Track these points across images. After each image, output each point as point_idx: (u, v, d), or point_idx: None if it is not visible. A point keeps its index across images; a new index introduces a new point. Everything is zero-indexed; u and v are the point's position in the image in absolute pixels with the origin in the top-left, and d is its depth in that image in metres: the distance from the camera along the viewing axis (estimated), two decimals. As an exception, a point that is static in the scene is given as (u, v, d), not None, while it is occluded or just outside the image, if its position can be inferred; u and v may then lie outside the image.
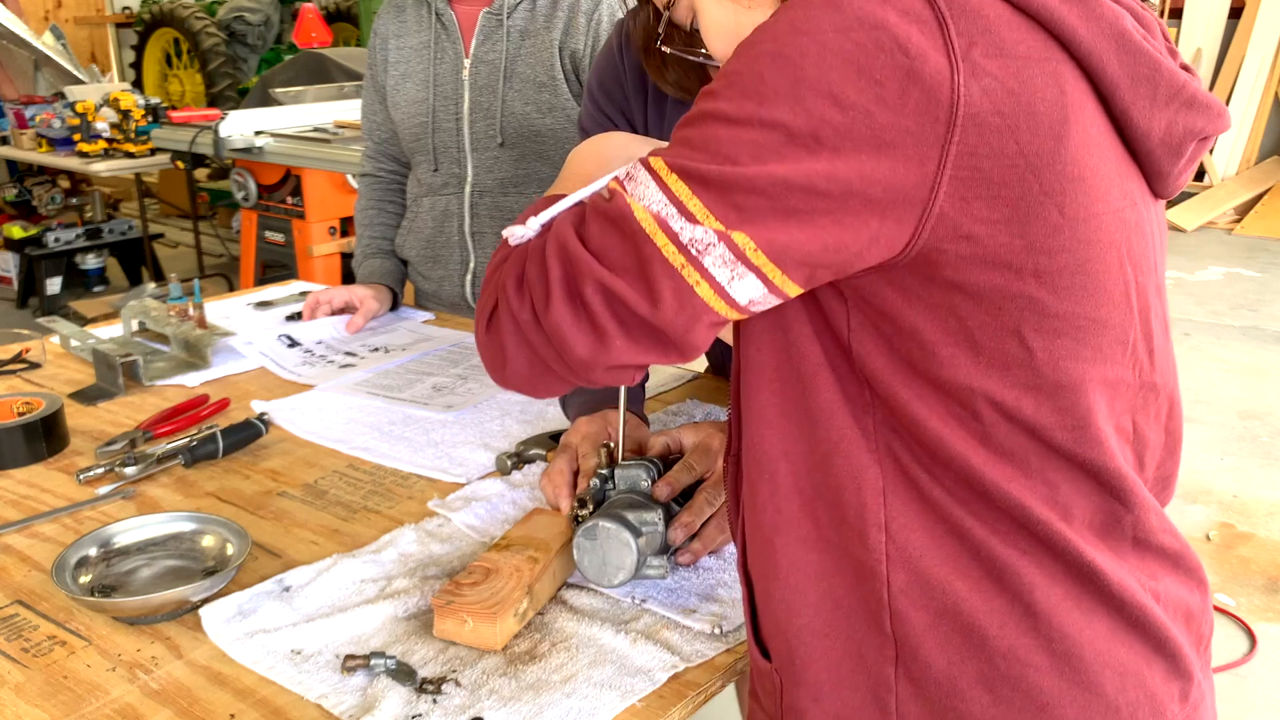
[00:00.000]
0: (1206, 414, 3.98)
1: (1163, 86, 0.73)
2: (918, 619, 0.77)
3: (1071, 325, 0.72)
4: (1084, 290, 0.72)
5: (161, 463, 1.36)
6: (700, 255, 0.70)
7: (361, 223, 2.11)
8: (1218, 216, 6.89)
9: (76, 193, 5.88)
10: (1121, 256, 0.74)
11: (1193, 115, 0.75)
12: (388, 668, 0.93)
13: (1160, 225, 0.83)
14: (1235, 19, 7.21)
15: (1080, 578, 0.76)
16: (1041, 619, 0.76)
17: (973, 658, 0.76)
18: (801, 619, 0.82)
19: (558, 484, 1.19)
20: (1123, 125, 0.73)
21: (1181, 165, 0.77)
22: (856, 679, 0.80)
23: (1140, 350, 0.78)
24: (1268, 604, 2.79)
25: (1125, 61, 0.71)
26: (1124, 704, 0.77)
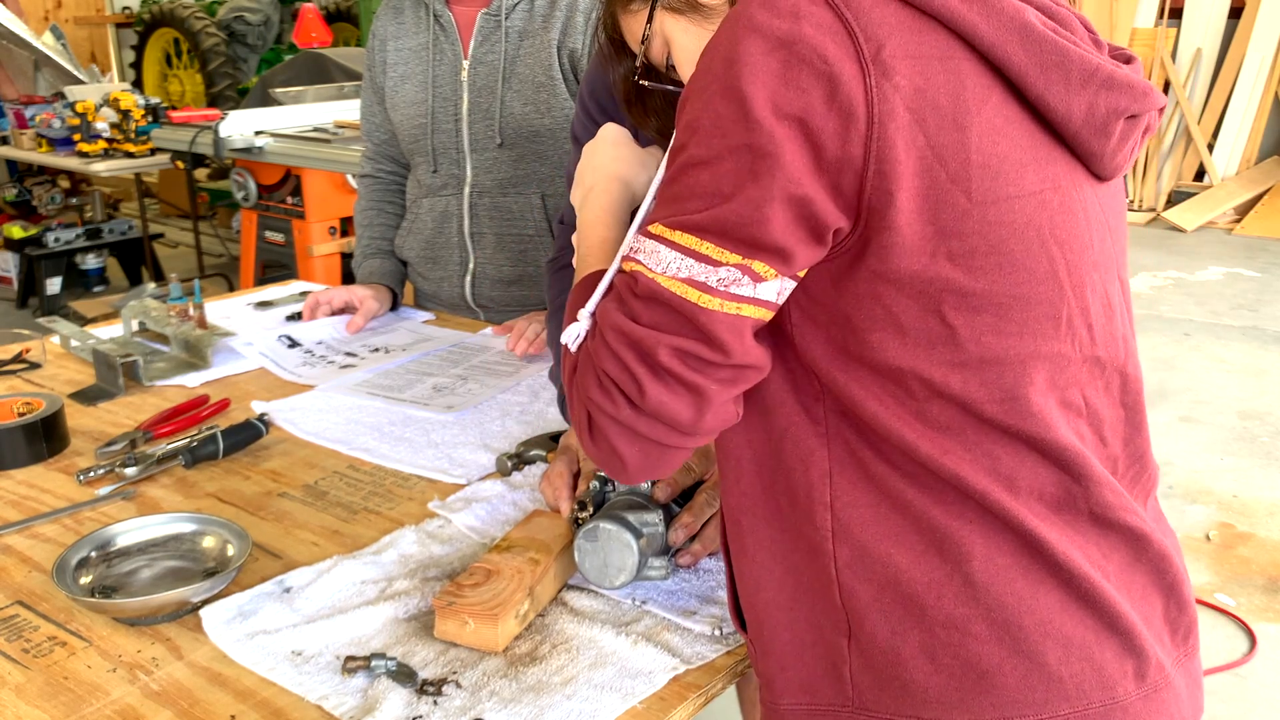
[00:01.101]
0: (1206, 414, 3.98)
1: (1075, 71, 0.77)
2: (863, 592, 0.81)
3: (991, 303, 0.77)
4: (999, 269, 0.76)
5: (162, 463, 1.36)
6: (730, 286, 0.76)
7: (361, 223, 2.11)
8: (1218, 216, 6.89)
9: (76, 193, 5.88)
10: (1044, 236, 0.78)
11: (1114, 95, 0.79)
12: (388, 669, 0.93)
13: (1108, 207, 0.85)
14: (1235, 19, 7.21)
15: (1026, 548, 0.79)
16: (980, 588, 0.79)
17: (914, 628, 0.80)
18: (767, 593, 0.87)
19: (557, 486, 1.19)
20: (1041, 111, 0.78)
21: (1114, 144, 0.81)
22: (816, 650, 0.85)
23: (1078, 325, 0.81)
24: (1268, 604, 2.79)
25: (1030, 51, 0.76)
26: (1067, 675, 0.79)
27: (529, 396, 1.60)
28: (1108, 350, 0.84)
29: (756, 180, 0.73)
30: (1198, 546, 3.08)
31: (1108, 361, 0.84)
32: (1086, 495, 0.81)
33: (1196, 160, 7.34)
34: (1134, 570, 0.84)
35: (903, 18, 0.74)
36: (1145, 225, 7.01)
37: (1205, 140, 7.27)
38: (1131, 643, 0.81)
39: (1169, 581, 0.86)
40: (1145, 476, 0.89)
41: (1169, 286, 5.64)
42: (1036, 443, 0.79)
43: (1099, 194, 0.84)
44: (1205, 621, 2.72)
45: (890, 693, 0.82)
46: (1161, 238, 6.66)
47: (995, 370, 0.78)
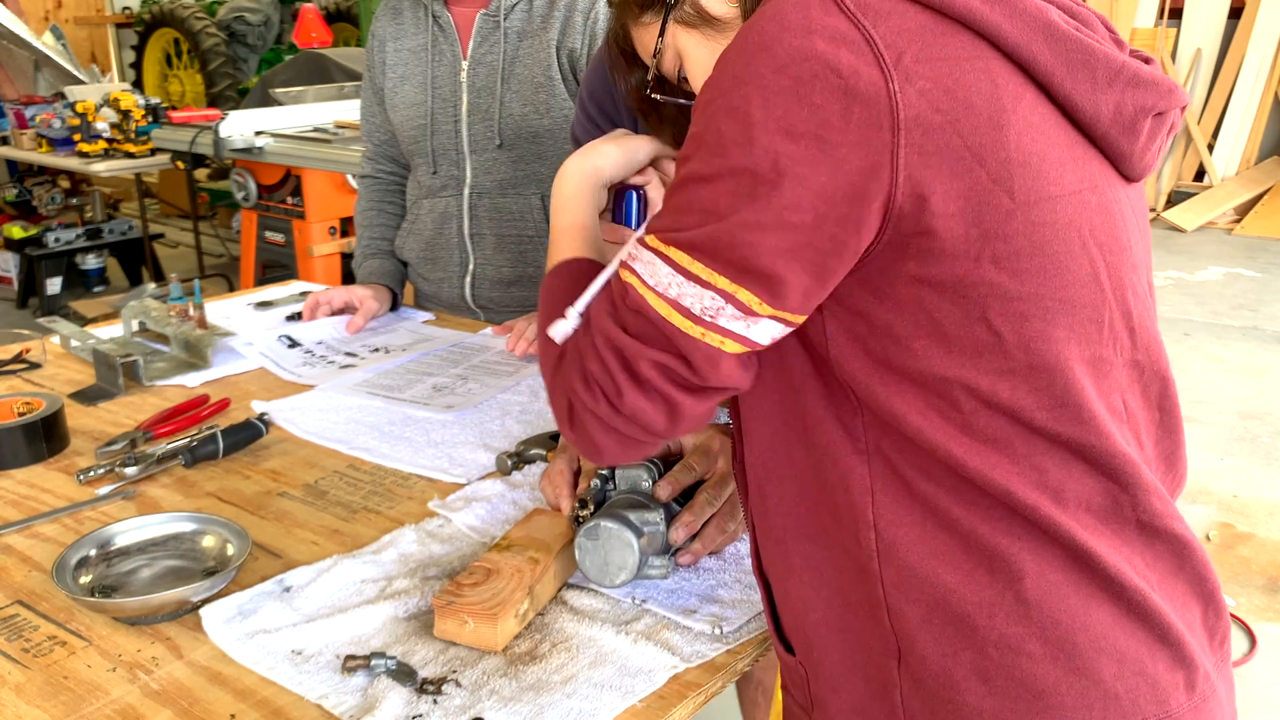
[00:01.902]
0: (1206, 414, 3.98)
1: (1101, 69, 0.76)
2: (912, 613, 0.79)
3: (1038, 307, 0.75)
4: (1044, 272, 0.75)
5: (162, 463, 1.36)
6: (715, 318, 0.76)
7: (361, 224, 2.11)
8: (1218, 216, 6.89)
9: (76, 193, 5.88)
10: (1084, 237, 0.77)
11: (1141, 93, 0.78)
12: (388, 668, 0.93)
13: (1137, 208, 0.85)
14: (1235, 19, 7.21)
15: (1076, 563, 0.78)
16: (1033, 606, 0.77)
17: (965, 648, 0.78)
18: (816, 614, 0.86)
19: (558, 484, 1.19)
20: (1070, 110, 0.77)
21: (1142, 144, 0.80)
22: (867, 672, 0.84)
23: (1120, 328, 0.80)
24: (1268, 604, 2.79)
25: (1056, 50, 0.75)
26: (1123, 690, 0.77)
27: (529, 396, 1.60)
28: (1147, 354, 0.83)
29: (752, 203, 0.73)
30: (1198, 546, 3.08)
31: (1146, 365, 0.83)
32: (1134, 503, 0.79)
33: (1196, 160, 7.34)
34: (1177, 578, 0.82)
35: (924, 22, 0.73)
36: (1145, 225, 7.00)
37: (1205, 140, 7.28)
38: (1180, 653, 0.80)
39: (1209, 589, 0.85)
40: (1174, 479, 0.89)
41: (1169, 286, 5.64)
42: (1086, 451, 0.77)
43: (1130, 196, 0.83)
44: (1205, 621, 2.72)
45: (942, 716, 0.80)
46: (1161, 238, 6.66)
47: (1045, 377, 0.76)
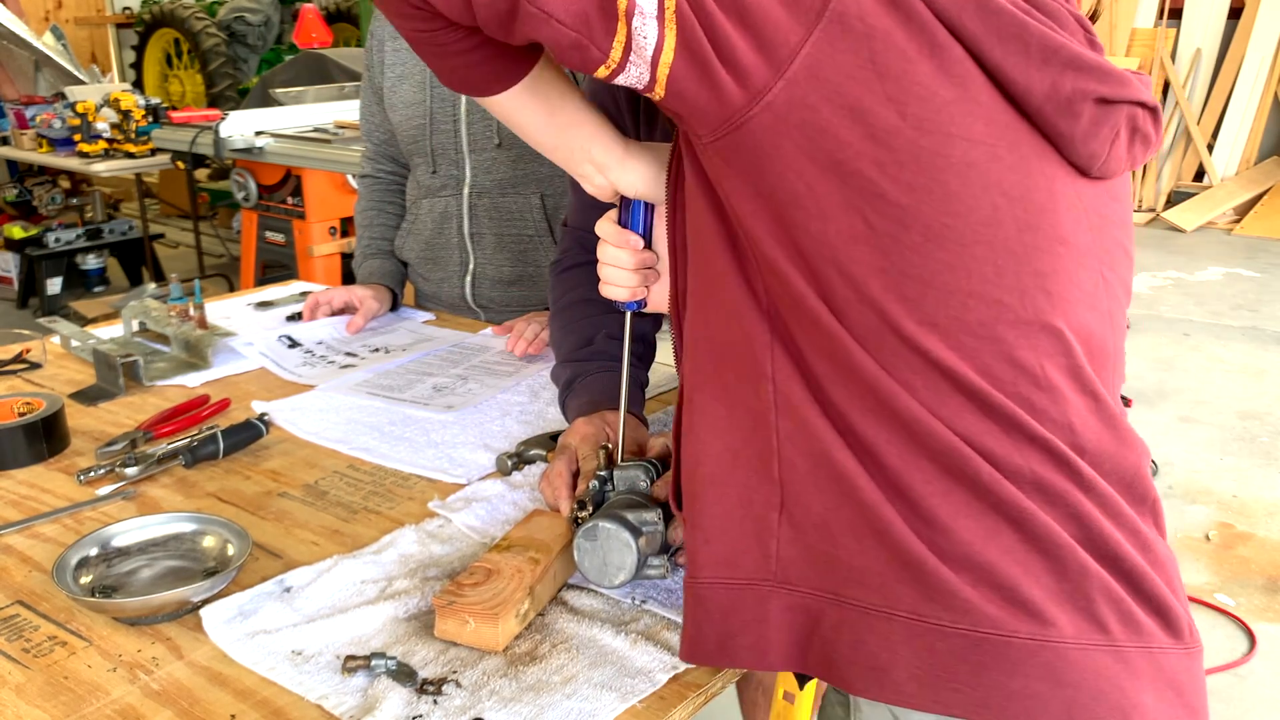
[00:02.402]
0: (1206, 414, 3.98)
1: (1034, 45, 0.79)
2: (801, 464, 0.84)
3: (918, 221, 0.78)
4: (928, 191, 0.78)
5: (162, 463, 1.36)
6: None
7: (361, 224, 2.11)
8: (1218, 216, 6.89)
9: (77, 193, 5.88)
10: (989, 183, 0.79)
11: (1080, 76, 0.80)
12: (388, 668, 0.93)
13: (1093, 204, 0.86)
14: (1235, 19, 7.21)
15: (940, 459, 0.80)
16: (898, 485, 0.80)
17: (845, 505, 0.82)
18: (705, 468, 0.89)
19: (557, 486, 1.19)
20: (1001, 82, 0.80)
21: (1084, 128, 0.82)
22: (745, 525, 0.87)
23: (1029, 285, 0.81)
24: (1268, 604, 2.79)
25: (986, 20, 0.79)
26: (978, 598, 0.79)
27: (529, 396, 1.60)
28: (1075, 327, 0.84)
29: None
30: (1198, 546, 3.08)
31: (1062, 334, 0.83)
32: (1022, 455, 0.80)
33: (1196, 160, 7.34)
34: (1053, 488, 0.82)
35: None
36: (1145, 225, 7.01)
37: (1205, 140, 7.27)
38: (1064, 587, 0.80)
39: (1125, 569, 0.83)
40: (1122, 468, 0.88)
41: (1169, 286, 5.64)
42: (962, 381, 0.80)
43: (1079, 186, 0.85)
44: (1205, 621, 2.72)
45: (817, 567, 0.84)
46: (1161, 238, 6.66)
47: (916, 287, 0.79)
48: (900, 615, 0.80)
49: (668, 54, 0.77)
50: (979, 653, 0.79)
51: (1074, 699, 0.78)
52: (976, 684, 0.79)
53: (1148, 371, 4.40)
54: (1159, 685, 0.82)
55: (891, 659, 0.80)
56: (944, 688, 0.79)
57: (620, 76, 0.79)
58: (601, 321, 1.40)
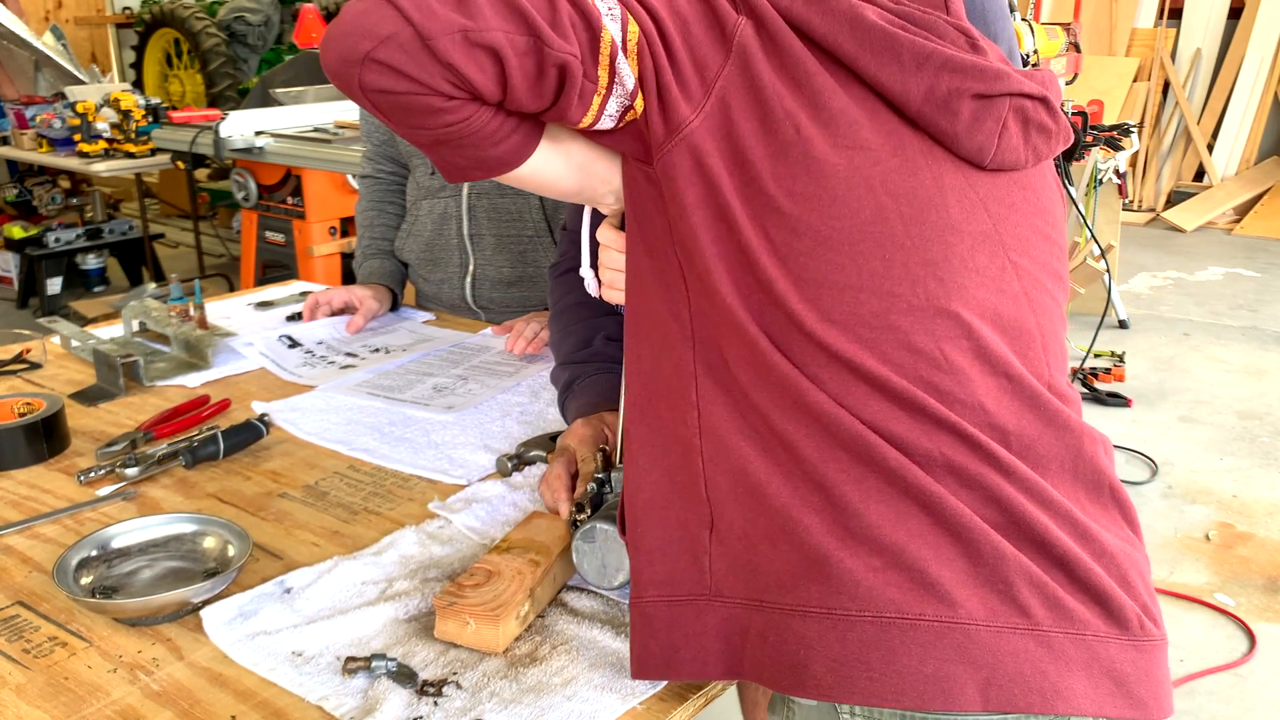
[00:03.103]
0: (1206, 414, 3.98)
1: (907, 54, 0.88)
2: (723, 482, 0.88)
3: (809, 227, 0.86)
4: (818, 200, 0.86)
5: (162, 464, 1.36)
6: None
7: (362, 224, 2.11)
8: (1218, 216, 6.89)
9: (77, 193, 5.88)
10: (873, 186, 0.87)
11: (957, 77, 0.88)
12: (389, 670, 0.94)
13: (990, 194, 0.92)
14: (1235, 19, 7.21)
15: (859, 455, 0.83)
16: (812, 482, 0.83)
17: (760, 514, 0.86)
18: (645, 494, 0.93)
19: (555, 488, 1.19)
20: (881, 92, 0.89)
21: (965, 123, 0.89)
22: (682, 545, 0.91)
23: (920, 274, 0.86)
24: (1268, 604, 2.79)
25: (859, 38, 0.88)
26: (885, 583, 0.81)
27: (529, 397, 1.60)
28: (977, 310, 0.87)
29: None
30: (1198, 546, 3.08)
31: (977, 319, 0.86)
32: (930, 438, 0.83)
33: (1196, 160, 7.34)
34: (1001, 530, 0.83)
35: (765, 10, 0.89)
36: (1145, 225, 7.01)
37: (1205, 140, 7.27)
38: (979, 571, 0.81)
39: (1055, 555, 0.83)
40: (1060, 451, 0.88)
41: (1169, 286, 5.64)
42: (866, 374, 0.84)
43: (974, 178, 0.91)
44: (1205, 621, 2.72)
45: (742, 577, 0.87)
46: (1161, 238, 6.66)
47: (812, 289, 0.85)
48: (812, 611, 0.82)
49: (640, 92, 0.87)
50: (888, 637, 0.80)
51: (990, 680, 0.79)
52: (890, 670, 0.79)
53: (1148, 371, 4.40)
54: (1093, 672, 0.81)
55: (808, 654, 0.82)
56: (860, 677, 0.80)
57: (601, 119, 0.88)
58: (600, 324, 1.40)
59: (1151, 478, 3.47)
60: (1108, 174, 4.34)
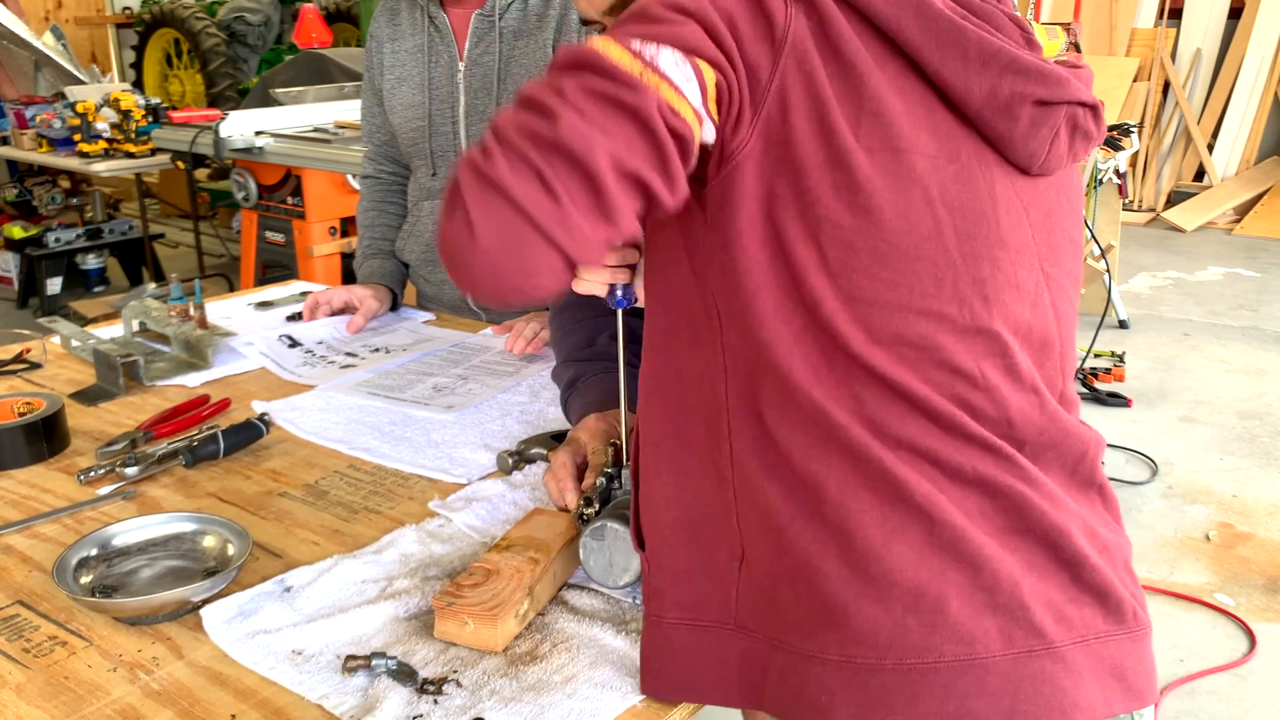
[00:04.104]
0: (1206, 414, 3.98)
1: (973, 50, 0.82)
2: (752, 518, 0.87)
3: (866, 242, 0.81)
4: (878, 211, 0.81)
5: (162, 463, 1.36)
6: (656, 60, 0.77)
7: (363, 224, 2.11)
8: (1218, 216, 6.89)
9: (77, 193, 5.88)
10: (931, 196, 0.82)
11: (1019, 80, 0.83)
12: (389, 668, 0.93)
13: (1032, 200, 0.88)
14: (1235, 19, 7.21)
15: (883, 489, 0.82)
16: (832, 526, 0.82)
17: (783, 557, 0.85)
18: (674, 513, 0.92)
19: (562, 478, 1.19)
20: (940, 87, 0.83)
21: (1023, 129, 0.84)
22: (710, 572, 0.90)
23: (967, 293, 0.83)
24: (1268, 604, 2.79)
25: (925, 27, 0.82)
26: (915, 624, 0.81)
27: (529, 396, 1.60)
28: (1013, 327, 0.86)
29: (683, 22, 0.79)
30: (1198, 546, 3.08)
31: (999, 335, 0.85)
32: (964, 455, 0.83)
33: (1196, 160, 7.34)
34: (1018, 537, 0.84)
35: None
36: (1145, 225, 7.01)
37: (1205, 140, 7.28)
38: (997, 599, 0.81)
39: (1070, 558, 0.85)
40: (1065, 455, 0.90)
41: (1169, 286, 5.64)
42: (907, 392, 0.82)
43: (1019, 185, 0.87)
44: (1205, 621, 2.72)
45: (765, 615, 0.87)
46: (1161, 238, 6.66)
47: (862, 309, 0.82)
48: (831, 659, 0.82)
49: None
50: (910, 682, 0.81)
51: (1012, 707, 0.80)
52: (913, 713, 0.80)
53: (1148, 371, 4.40)
54: (1100, 675, 0.84)
55: (830, 700, 0.82)
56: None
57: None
58: (603, 323, 1.39)
59: (1151, 478, 3.47)
60: (1108, 174, 4.34)
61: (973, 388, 0.84)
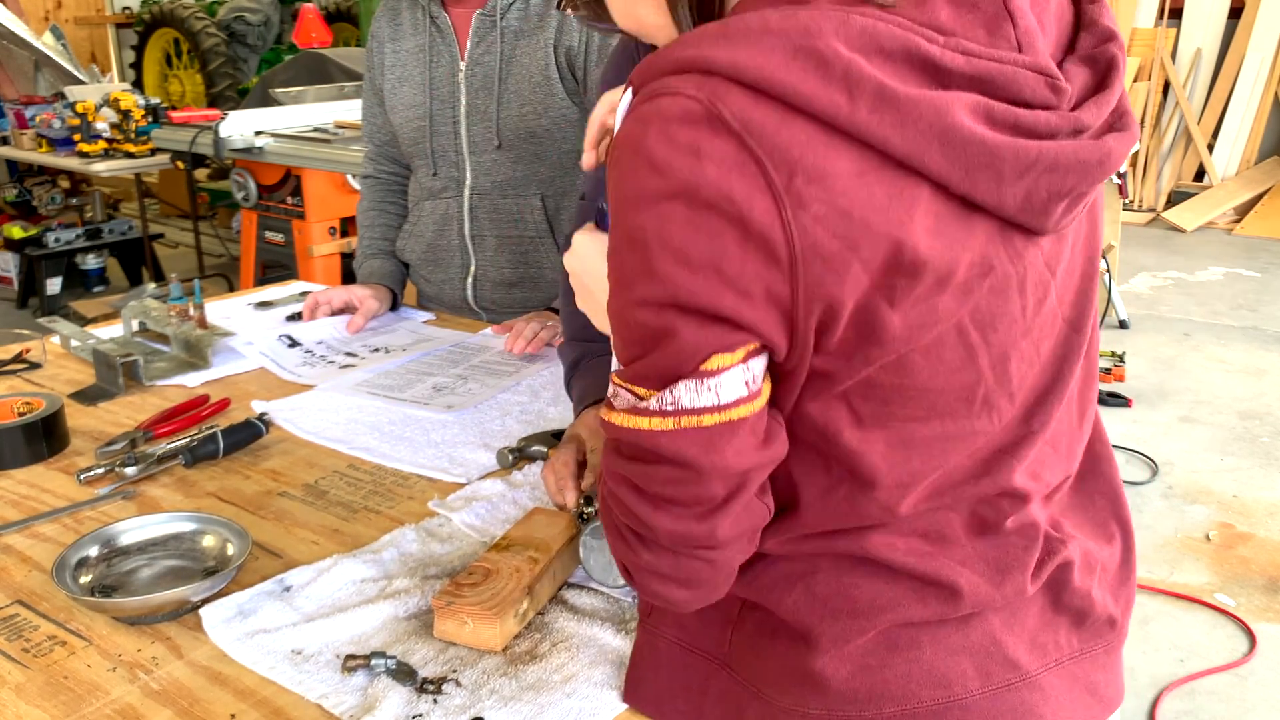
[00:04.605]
0: (1206, 414, 3.98)
1: (1008, 166, 0.70)
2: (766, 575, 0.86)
3: (899, 394, 0.75)
4: (910, 366, 0.74)
5: (162, 463, 1.36)
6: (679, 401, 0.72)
7: (363, 224, 2.11)
8: (1218, 216, 6.89)
9: (76, 193, 5.88)
10: (964, 325, 0.74)
11: (1058, 177, 0.71)
12: (388, 668, 0.93)
13: (1052, 252, 0.79)
14: (1235, 19, 7.21)
15: (872, 566, 0.82)
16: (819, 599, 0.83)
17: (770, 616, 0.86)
18: None
19: (561, 475, 1.18)
20: (972, 202, 0.71)
21: (1057, 219, 0.74)
22: (718, 608, 0.87)
23: (996, 400, 0.78)
24: (1268, 604, 2.79)
25: (952, 157, 0.69)
26: (892, 676, 0.81)
27: (529, 396, 1.60)
28: (1033, 407, 0.82)
29: (671, 334, 0.71)
30: (1198, 546, 3.08)
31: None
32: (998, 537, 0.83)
33: (1196, 160, 7.34)
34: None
35: (812, 134, 0.67)
36: (1145, 225, 7.01)
37: (1205, 140, 7.28)
38: (971, 639, 0.82)
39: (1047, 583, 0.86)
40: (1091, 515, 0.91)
41: (1169, 286, 5.64)
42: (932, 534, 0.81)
43: (1042, 247, 0.78)
44: (1205, 621, 2.72)
45: (750, 660, 0.87)
46: (1161, 238, 6.66)
47: (902, 452, 0.77)
48: (813, 713, 0.83)
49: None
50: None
51: None
52: None
53: (1148, 371, 4.39)
54: (1075, 693, 0.86)
55: None
56: None
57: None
58: None
59: (1152, 478, 3.47)
60: (1108, 174, 4.34)
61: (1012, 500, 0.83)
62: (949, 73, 0.69)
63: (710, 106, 0.67)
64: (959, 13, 0.72)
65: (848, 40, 0.68)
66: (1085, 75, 0.76)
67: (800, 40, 0.67)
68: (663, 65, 0.71)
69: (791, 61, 0.67)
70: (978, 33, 0.72)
